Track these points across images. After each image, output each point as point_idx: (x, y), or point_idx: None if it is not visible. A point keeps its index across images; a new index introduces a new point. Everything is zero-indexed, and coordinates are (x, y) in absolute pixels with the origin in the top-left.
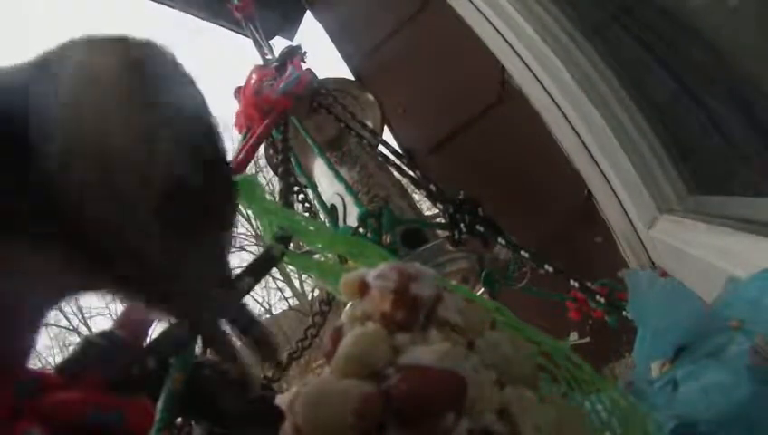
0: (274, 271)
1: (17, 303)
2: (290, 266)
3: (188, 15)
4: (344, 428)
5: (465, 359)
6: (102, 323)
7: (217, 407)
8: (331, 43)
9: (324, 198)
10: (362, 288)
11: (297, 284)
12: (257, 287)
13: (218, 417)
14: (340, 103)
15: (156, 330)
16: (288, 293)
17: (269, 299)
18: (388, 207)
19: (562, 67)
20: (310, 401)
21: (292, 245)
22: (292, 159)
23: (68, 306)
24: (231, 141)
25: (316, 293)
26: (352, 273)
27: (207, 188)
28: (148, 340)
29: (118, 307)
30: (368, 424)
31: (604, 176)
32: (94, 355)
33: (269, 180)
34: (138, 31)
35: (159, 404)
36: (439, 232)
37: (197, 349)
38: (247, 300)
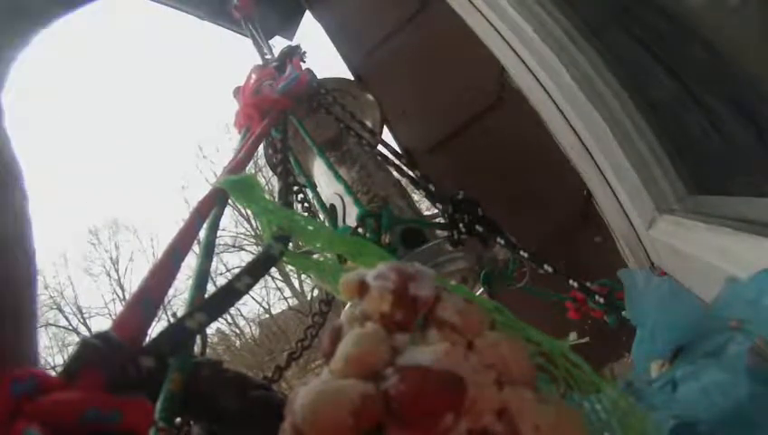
0: (274, 271)
1: (17, 303)
2: (289, 266)
3: (188, 15)
4: (343, 428)
5: (464, 359)
6: (102, 323)
7: (216, 407)
8: (331, 43)
9: (323, 197)
10: (361, 288)
11: (296, 283)
12: (256, 287)
13: (217, 416)
14: (340, 103)
15: (155, 330)
16: (287, 292)
17: (268, 299)
18: (387, 207)
19: (562, 67)
20: (309, 402)
21: (291, 244)
22: (292, 159)
23: (67, 306)
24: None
25: (315, 292)
26: (351, 273)
27: None
28: (147, 340)
29: (117, 307)
30: (367, 425)
31: (603, 176)
32: (93, 355)
33: (269, 180)
34: (138, 30)
35: (159, 404)
36: (438, 232)
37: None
38: (246, 299)
